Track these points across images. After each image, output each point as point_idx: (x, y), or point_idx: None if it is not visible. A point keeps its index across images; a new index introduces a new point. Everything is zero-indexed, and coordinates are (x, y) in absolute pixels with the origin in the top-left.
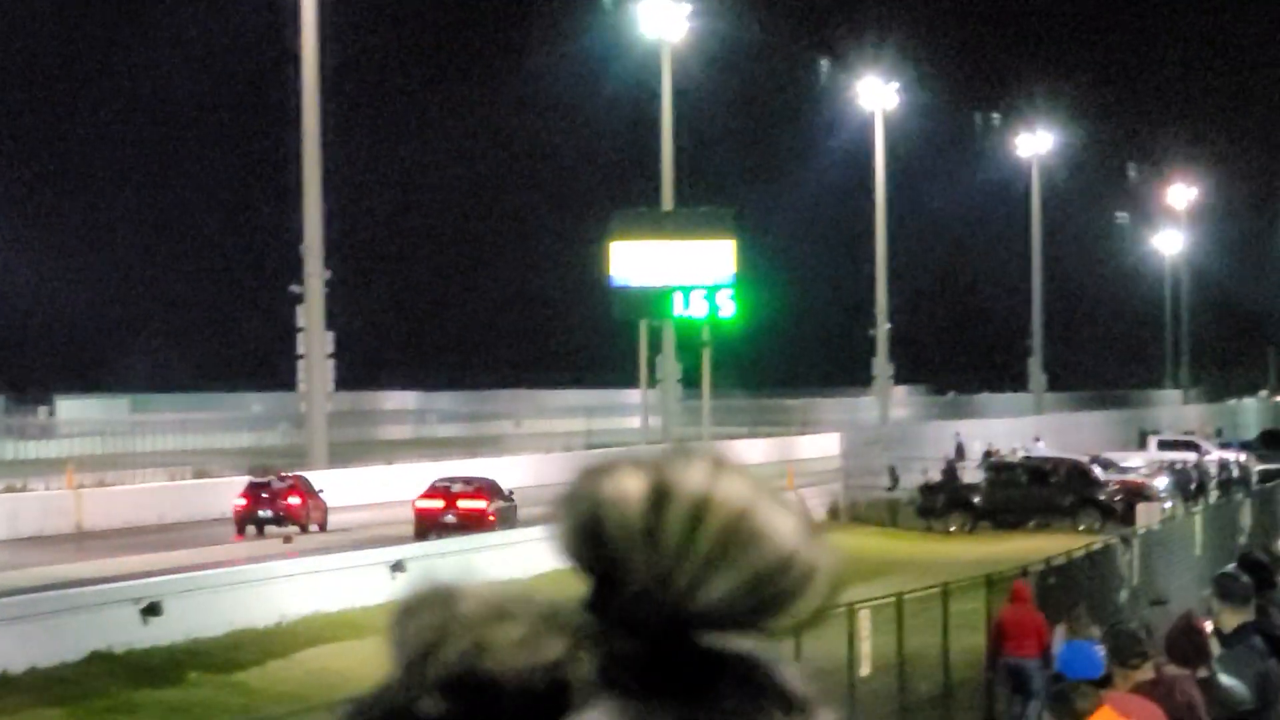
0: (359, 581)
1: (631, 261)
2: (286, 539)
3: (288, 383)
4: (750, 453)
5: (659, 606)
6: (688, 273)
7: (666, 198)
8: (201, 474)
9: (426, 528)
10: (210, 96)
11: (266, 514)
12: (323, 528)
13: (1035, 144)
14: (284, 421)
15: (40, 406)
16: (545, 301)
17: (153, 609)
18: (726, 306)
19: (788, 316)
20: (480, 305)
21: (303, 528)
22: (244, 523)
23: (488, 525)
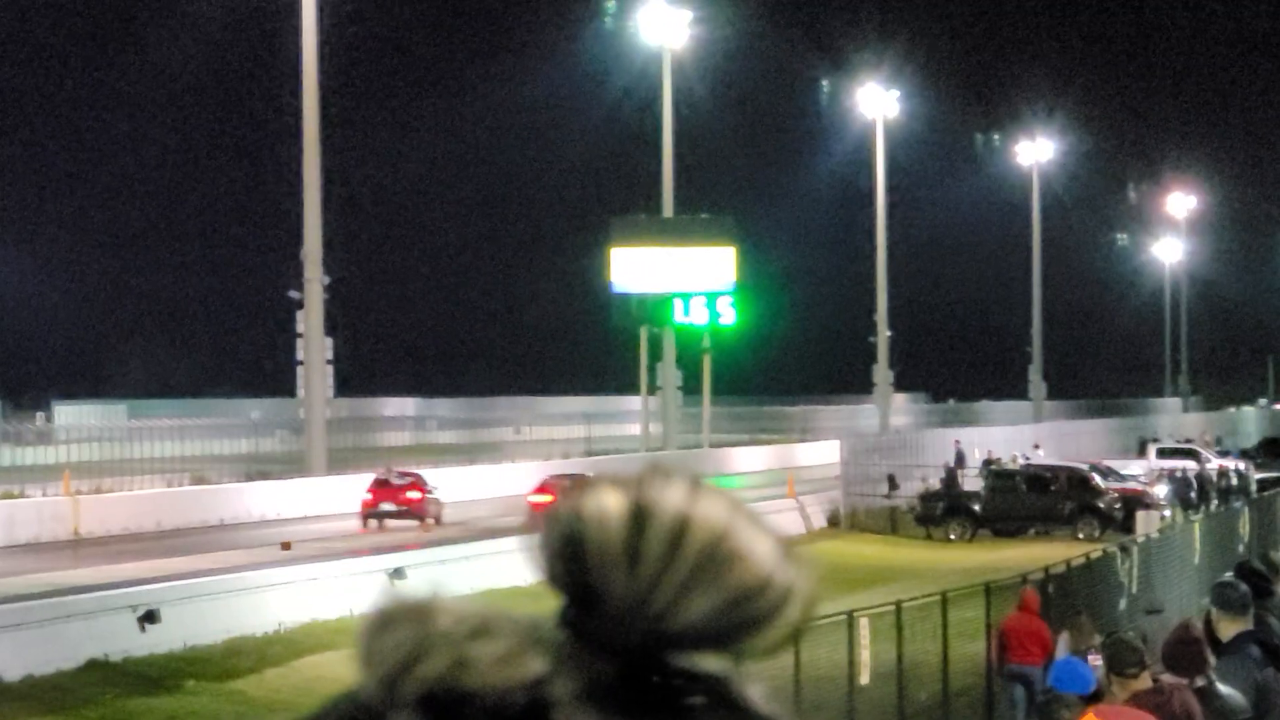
0: (357, 588)
1: (631, 268)
2: (285, 545)
3: (287, 389)
4: (751, 460)
5: (637, 626)
6: (688, 280)
7: (667, 205)
8: (200, 480)
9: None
10: (210, 102)
11: (390, 507)
12: (439, 521)
13: (1036, 153)
14: (283, 428)
15: (38, 412)
16: (546, 308)
17: (150, 616)
18: (727, 313)
19: (788, 324)
20: (481, 312)
21: (422, 521)
22: (369, 516)
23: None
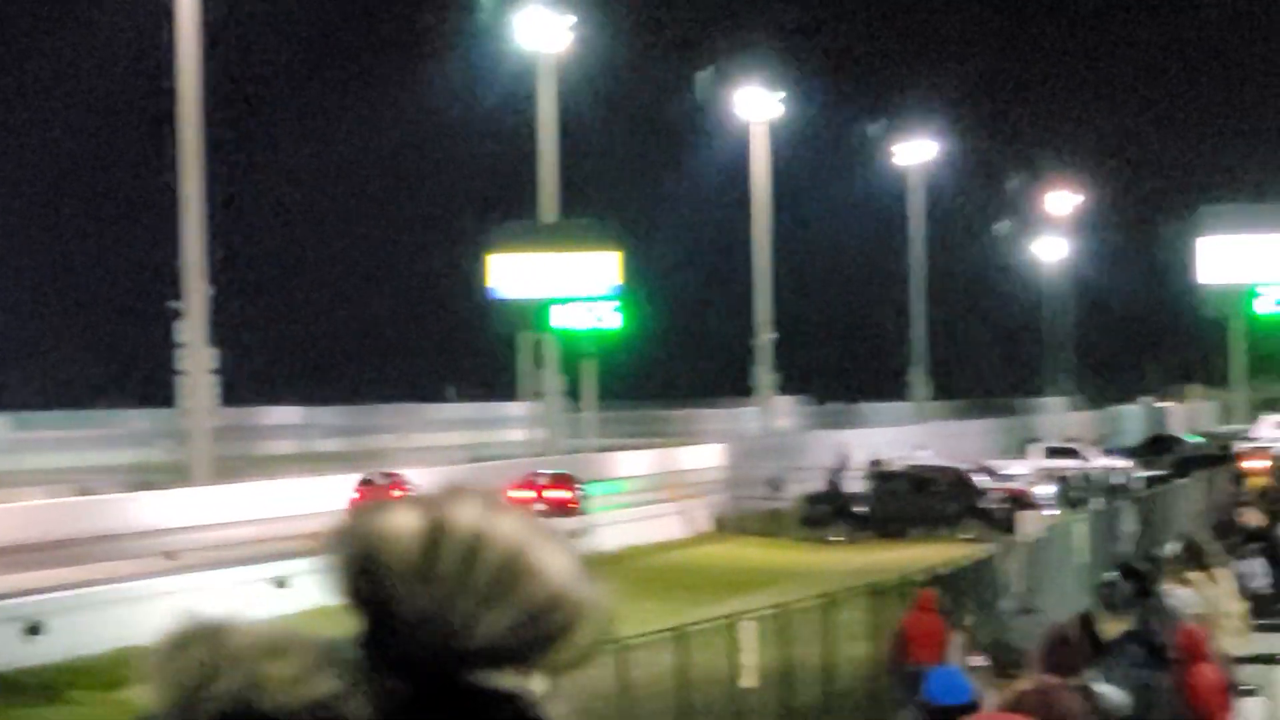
0: (242, 596)
1: (512, 274)
2: (168, 554)
3: (172, 399)
4: (635, 464)
5: (433, 643)
6: (570, 285)
7: (548, 210)
8: (85, 491)
9: None
10: (87, 108)
11: None
12: None
13: (916, 152)
14: (168, 438)
15: None
16: (429, 314)
17: (35, 628)
18: (610, 318)
19: (671, 327)
20: (364, 319)
21: None
22: None
23: (571, 512)
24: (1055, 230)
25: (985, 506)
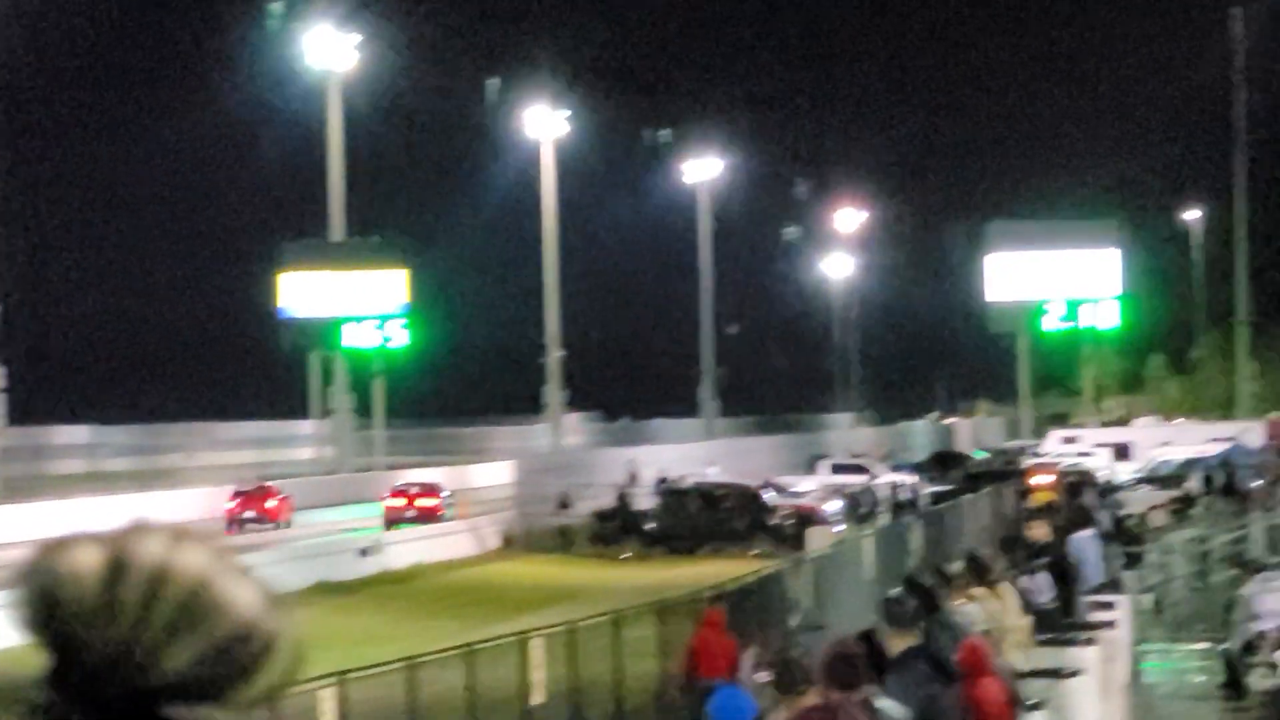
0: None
1: (302, 292)
2: None
3: None
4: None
5: (119, 679)
6: (359, 303)
7: (336, 228)
8: None
9: (393, 522)
10: None
11: (250, 515)
12: (289, 524)
13: (703, 169)
14: None
15: None
16: (219, 332)
17: None
18: (399, 336)
19: (461, 345)
20: (153, 337)
21: (277, 524)
22: (233, 522)
23: (439, 518)
24: (844, 247)
25: (774, 523)
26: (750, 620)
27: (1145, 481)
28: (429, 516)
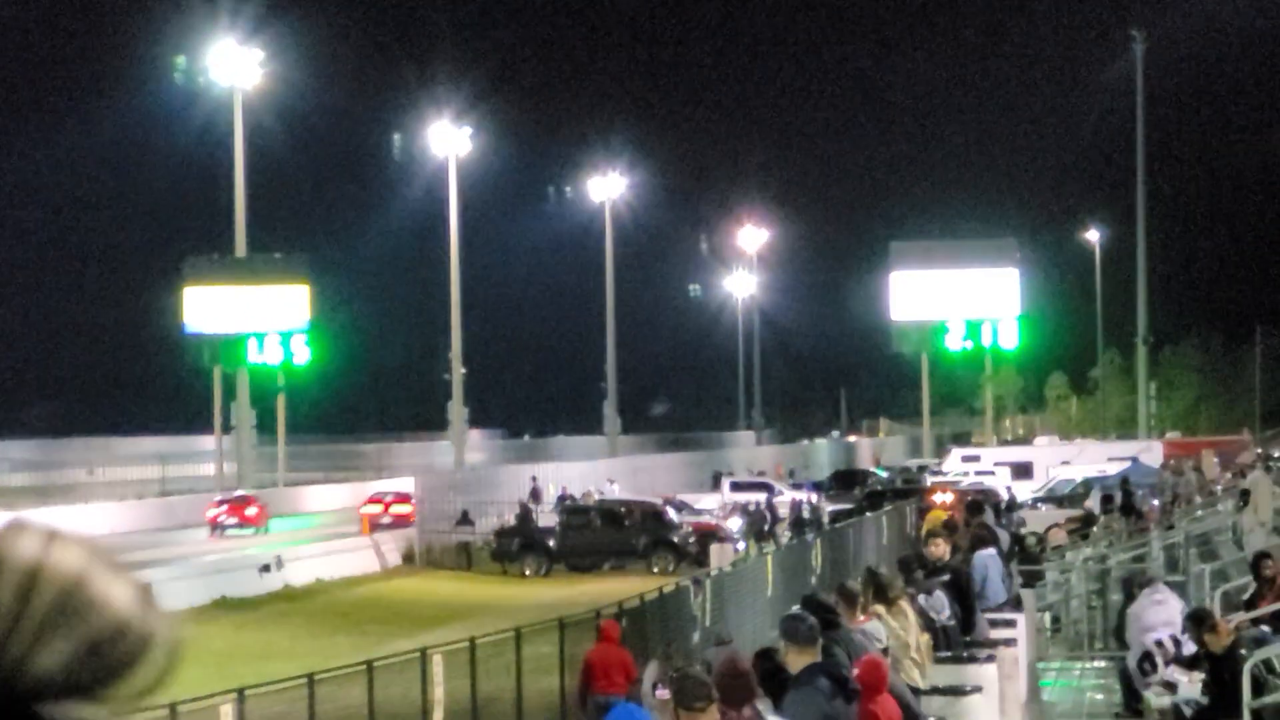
0: None
1: (205, 308)
2: None
3: None
4: (326, 498)
5: None
6: (262, 319)
7: (240, 244)
8: None
9: (372, 527)
10: None
11: (233, 520)
12: (267, 530)
13: (608, 189)
14: None
15: None
16: (120, 347)
17: None
18: (301, 352)
19: (365, 362)
20: (53, 352)
21: (256, 529)
22: (216, 527)
23: (412, 524)
24: (748, 266)
25: (676, 540)
26: (653, 636)
27: (1045, 500)
28: (404, 522)
